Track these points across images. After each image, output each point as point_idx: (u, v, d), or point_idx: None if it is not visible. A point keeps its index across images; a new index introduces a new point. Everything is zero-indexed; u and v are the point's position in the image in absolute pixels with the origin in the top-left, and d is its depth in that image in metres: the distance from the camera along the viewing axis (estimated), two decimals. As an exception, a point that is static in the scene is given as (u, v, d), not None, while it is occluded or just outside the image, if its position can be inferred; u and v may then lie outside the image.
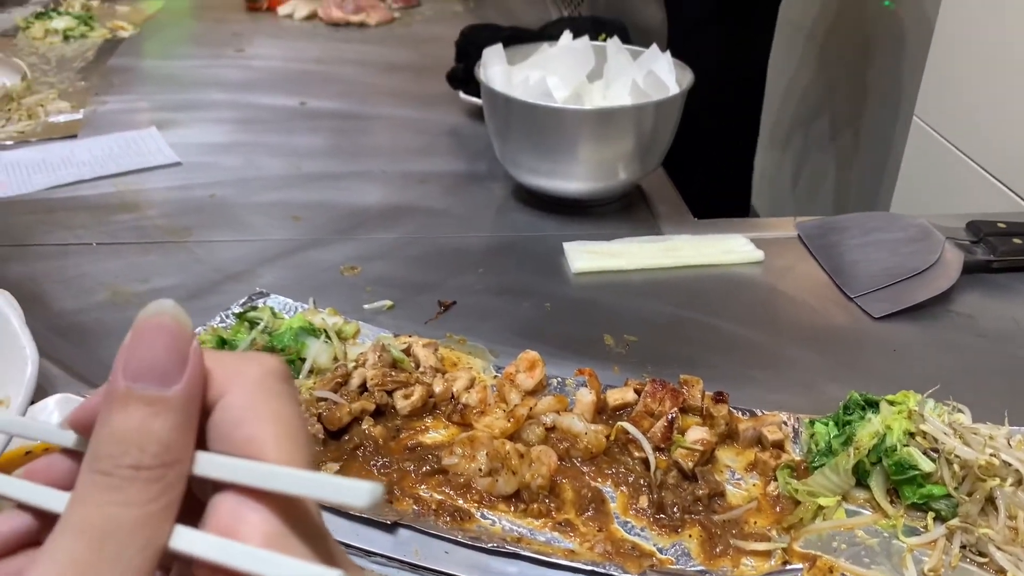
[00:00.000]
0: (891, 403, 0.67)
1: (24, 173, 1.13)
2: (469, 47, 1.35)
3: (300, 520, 0.27)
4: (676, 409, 0.69)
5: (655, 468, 0.65)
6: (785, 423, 0.71)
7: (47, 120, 1.30)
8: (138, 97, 1.43)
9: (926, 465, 0.62)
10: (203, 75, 1.54)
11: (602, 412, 0.71)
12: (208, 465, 0.27)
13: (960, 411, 0.69)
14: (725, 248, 0.98)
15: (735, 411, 0.72)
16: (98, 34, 1.70)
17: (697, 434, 0.67)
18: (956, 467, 0.62)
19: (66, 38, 1.67)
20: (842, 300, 0.91)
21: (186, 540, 0.26)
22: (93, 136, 1.25)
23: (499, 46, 1.08)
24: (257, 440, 0.27)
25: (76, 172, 1.14)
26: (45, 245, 0.98)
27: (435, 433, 0.70)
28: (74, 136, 1.26)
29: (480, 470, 0.63)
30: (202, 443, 0.27)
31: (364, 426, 0.69)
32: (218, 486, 0.27)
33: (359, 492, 0.26)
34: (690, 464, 0.65)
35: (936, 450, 0.63)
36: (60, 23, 1.70)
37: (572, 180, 1.03)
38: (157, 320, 0.28)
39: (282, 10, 1.89)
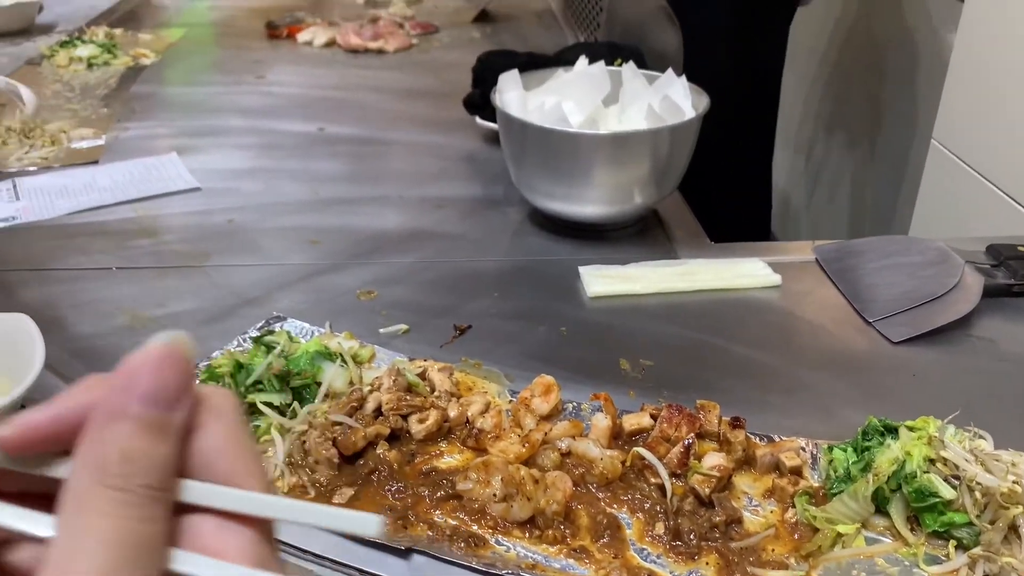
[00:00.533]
0: (911, 429, 0.66)
1: (47, 198, 1.15)
2: (486, 73, 1.36)
3: (272, 541, 0.29)
4: (693, 435, 0.69)
5: (671, 494, 0.64)
6: (803, 449, 0.70)
7: (70, 146, 1.32)
8: (159, 123, 1.45)
9: (947, 492, 0.61)
10: (223, 101, 1.56)
11: (618, 437, 0.71)
12: (199, 493, 0.28)
13: (981, 437, 0.68)
14: (742, 272, 0.97)
15: (752, 436, 0.71)
16: (121, 62, 1.73)
17: (714, 460, 0.67)
18: (978, 494, 0.61)
19: (90, 66, 1.70)
20: (860, 324, 0.90)
21: (185, 561, 0.27)
22: (114, 162, 1.27)
23: (515, 72, 1.08)
24: (240, 472, 0.29)
25: (97, 197, 1.15)
26: (65, 269, 0.99)
27: (450, 458, 0.70)
28: (96, 162, 1.27)
29: (495, 495, 0.63)
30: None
31: (379, 450, 0.69)
32: (182, 509, 0.28)
33: (369, 523, 0.28)
34: (707, 490, 0.64)
35: (957, 477, 0.62)
36: (84, 51, 1.73)
37: (588, 204, 1.03)
38: (170, 349, 0.29)
39: (302, 37, 1.91)
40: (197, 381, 0.72)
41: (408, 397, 0.73)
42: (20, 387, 0.67)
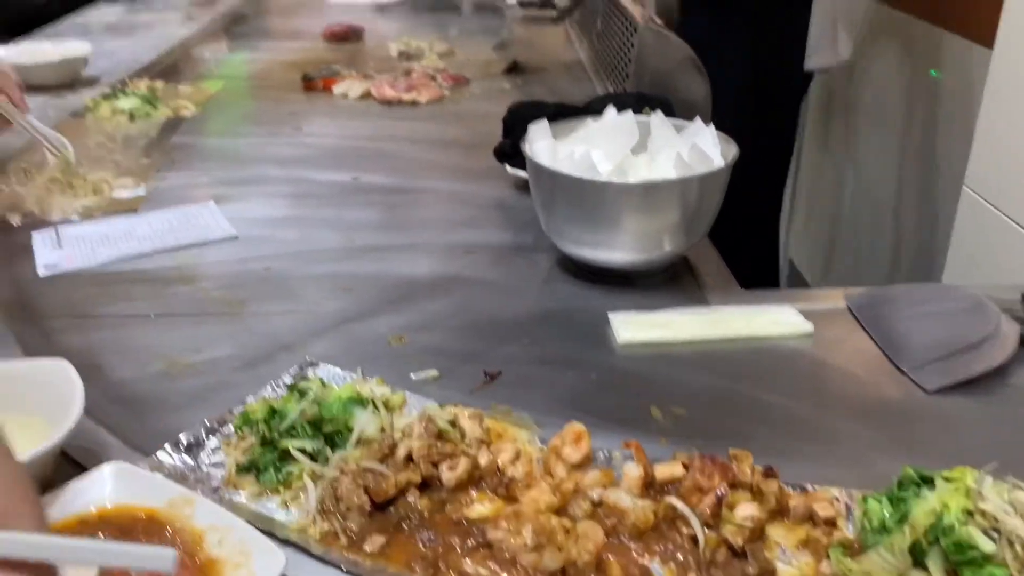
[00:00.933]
0: (948, 480, 0.65)
1: (88, 247, 1.18)
2: (516, 123, 1.38)
3: None
4: (725, 484, 0.68)
5: (704, 545, 0.64)
6: (837, 499, 0.69)
7: (111, 196, 1.36)
8: (198, 173, 1.48)
9: (987, 545, 0.60)
10: (261, 152, 1.60)
11: (650, 487, 0.70)
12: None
13: (1020, 488, 0.66)
14: (773, 320, 0.97)
15: (786, 487, 0.70)
16: (161, 113, 1.78)
17: (747, 510, 0.66)
18: (1018, 547, 0.60)
19: (132, 118, 1.75)
20: (894, 373, 0.89)
21: None
22: (154, 211, 1.30)
23: (545, 122, 1.10)
24: (9, 511, 0.29)
25: (137, 246, 1.18)
26: (105, 316, 1.01)
27: (481, 506, 0.70)
28: (136, 211, 1.31)
29: (526, 545, 0.62)
30: None
31: (410, 498, 0.69)
32: None
33: (164, 558, 0.28)
34: (740, 541, 0.63)
35: (997, 530, 0.61)
36: (126, 104, 1.78)
37: (617, 251, 1.04)
38: None
39: (337, 89, 1.95)
40: (232, 427, 0.73)
41: (439, 444, 0.73)
42: (60, 432, 0.68)
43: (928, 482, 0.66)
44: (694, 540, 0.64)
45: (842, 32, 1.92)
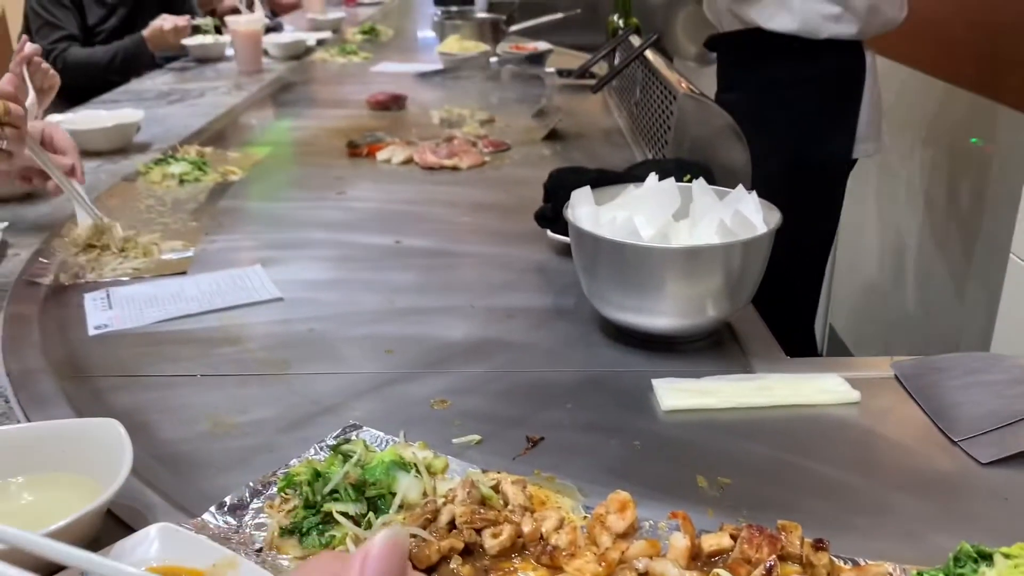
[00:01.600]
0: (1007, 556, 0.63)
1: (137, 307, 1.20)
2: (557, 188, 1.40)
3: None
4: (774, 556, 0.66)
5: (754, 619, 0.62)
6: (891, 574, 0.67)
7: (160, 258, 1.39)
8: (244, 236, 1.52)
9: (1051, 627, 0.58)
10: (306, 216, 1.63)
11: (696, 558, 0.69)
12: None
13: (1085, 567, 0.64)
14: (820, 388, 0.96)
15: (837, 560, 0.68)
16: (210, 178, 1.83)
17: (797, 584, 0.64)
18: (1085, 630, 0.57)
19: (181, 182, 1.80)
20: (946, 444, 0.87)
21: None
22: (202, 273, 1.33)
23: (587, 188, 1.11)
24: None
25: (184, 307, 1.20)
26: (152, 376, 1.03)
27: (524, 575, 0.69)
28: (184, 273, 1.33)
29: (571, 615, 0.61)
30: None
31: (452, 565, 0.68)
32: None
33: None
34: None
35: (1061, 610, 0.59)
36: (177, 168, 1.84)
37: (660, 317, 1.04)
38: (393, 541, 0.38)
39: (381, 155, 1.99)
40: (276, 489, 0.73)
41: (482, 510, 0.72)
42: (108, 491, 0.69)
43: (987, 558, 0.64)
44: (744, 614, 0.63)
45: (885, 123, 1.95)
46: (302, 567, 0.38)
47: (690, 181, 1.15)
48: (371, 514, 0.73)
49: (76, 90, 2.29)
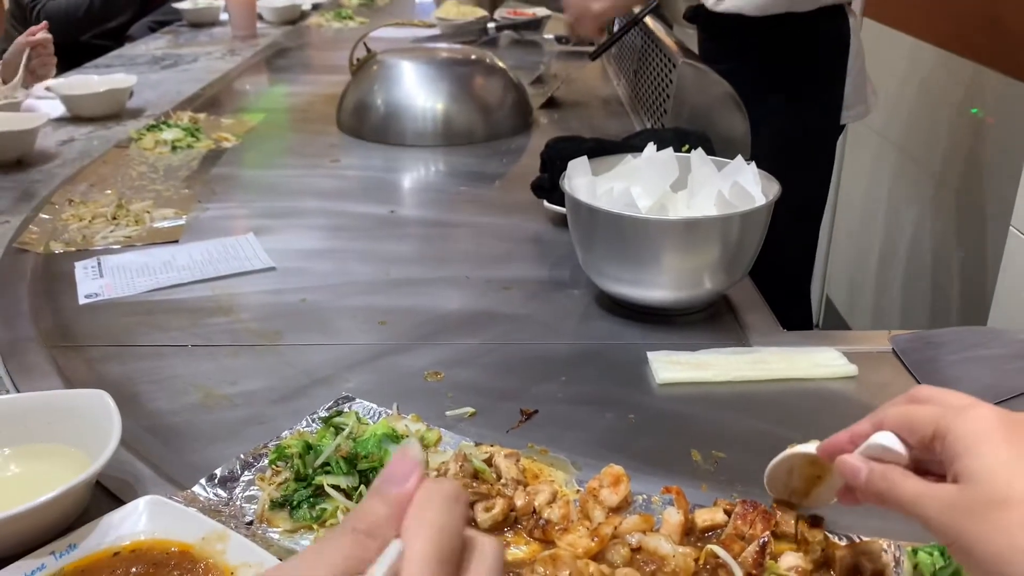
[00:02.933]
0: (1003, 534, 0.63)
1: (128, 276, 1.19)
2: (554, 158, 1.38)
3: None
4: (768, 533, 0.66)
5: (747, 595, 0.62)
6: (885, 551, 0.67)
7: (152, 226, 1.38)
8: (238, 204, 1.50)
9: (1046, 605, 0.57)
10: (299, 184, 1.62)
11: (690, 533, 0.69)
12: None
13: (1081, 545, 0.64)
14: (816, 362, 0.95)
15: (831, 536, 0.68)
16: (203, 145, 1.81)
17: (791, 560, 0.64)
18: (1080, 609, 0.57)
19: (174, 148, 1.78)
20: (943, 419, 0.87)
21: None
22: (194, 241, 1.31)
23: (584, 158, 1.10)
24: None
25: (176, 276, 1.19)
26: (143, 346, 1.02)
27: (516, 549, 0.68)
28: (176, 241, 1.32)
29: (563, 591, 0.61)
30: None
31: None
32: None
33: None
34: None
35: (1057, 589, 0.58)
36: (169, 135, 1.81)
37: (656, 289, 1.03)
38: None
39: (375, 122, 1.97)
40: (267, 461, 0.72)
41: (475, 484, 0.72)
42: (96, 463, 0.68)
43: (983, 536, 0.63)
44: (737, 590, 0.62)
45: (871, 85, 1.92)
46: (313, 549, 0.38)
47: (689, 151, 1.14)
48: (363, 487, 0.73)
49: (64, 48, 2.25)
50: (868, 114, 1.94)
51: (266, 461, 0.77)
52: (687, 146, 1.22)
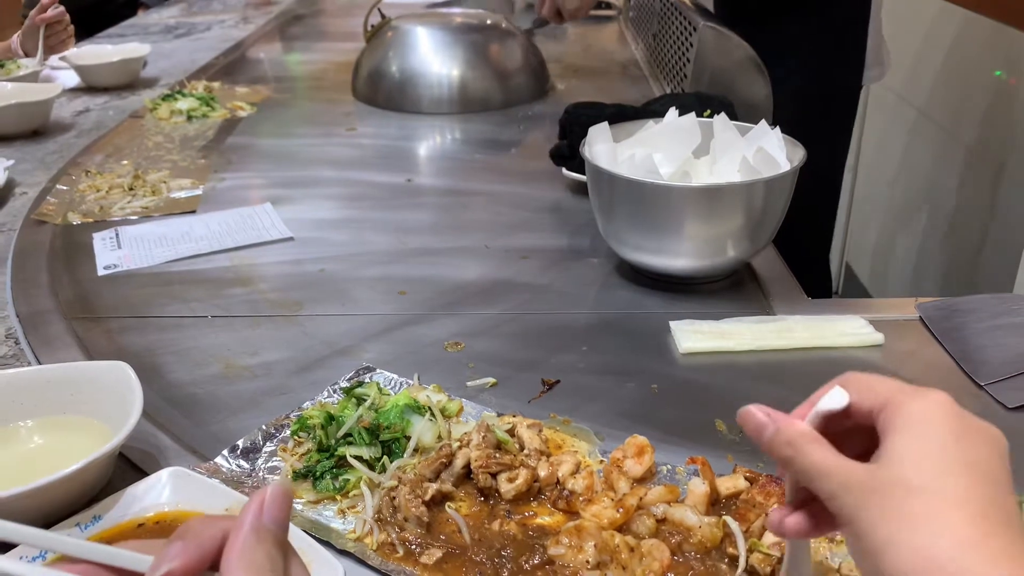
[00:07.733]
0: (1036, 505, 0.62)
1: (146, 247, 1.19)
2: (573, 125, 1.36)
3: None
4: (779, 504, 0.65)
5: (743, 568, 0.61)
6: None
7: (169, 196, 1.37)
8: (254, 174, 1.49)
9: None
10: (315, 153, 1.60)
11: (715, 503, 0.68)
12: None
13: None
14: (841, 330, 0.94)
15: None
16: (218, 114, 1.79)
17: (775, 537, 0.63)
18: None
19: (189, 118, 1.77)
20: (971, 388, 0.85)
21: None
22: (211, 212, 1.30)
23: (604, 124, 1.08)
24: None
25: (194, 247, 1.18)
26: (163, 317, 1.02)
27: (540, 520, 0.68)
28: (194, 211, 1.31)
29: (588, 562, 0.60)
30: None
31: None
32: None
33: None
34: (767, 570, 0.61)
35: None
36: (184, 104, 1.80)
37: (679, 257, 1.01)
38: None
39: (390, 90, 1.95)
40: (289, 432, 0.72)
41: (497, 455, 0.71)
42: (119, 435, 0.68)
43: (1015, 507, 0.62)
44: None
45: (887, 46, 1.88)
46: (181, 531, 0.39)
47: (711, 116, 1.12)
48: (385, 458, 0.73)
49: (80, 15, 2.24)
50: (883, 76, 1.90)
51: (288, 432, 0.77)
52: (709, 111, 1.20)
